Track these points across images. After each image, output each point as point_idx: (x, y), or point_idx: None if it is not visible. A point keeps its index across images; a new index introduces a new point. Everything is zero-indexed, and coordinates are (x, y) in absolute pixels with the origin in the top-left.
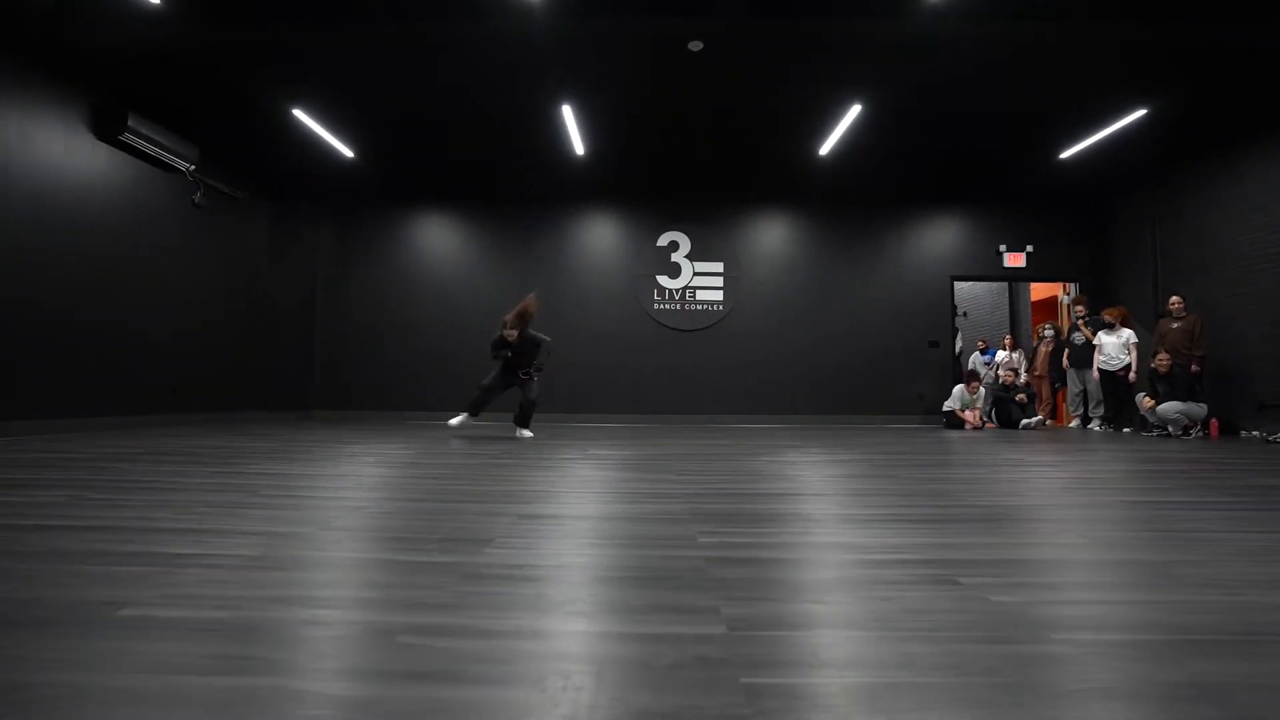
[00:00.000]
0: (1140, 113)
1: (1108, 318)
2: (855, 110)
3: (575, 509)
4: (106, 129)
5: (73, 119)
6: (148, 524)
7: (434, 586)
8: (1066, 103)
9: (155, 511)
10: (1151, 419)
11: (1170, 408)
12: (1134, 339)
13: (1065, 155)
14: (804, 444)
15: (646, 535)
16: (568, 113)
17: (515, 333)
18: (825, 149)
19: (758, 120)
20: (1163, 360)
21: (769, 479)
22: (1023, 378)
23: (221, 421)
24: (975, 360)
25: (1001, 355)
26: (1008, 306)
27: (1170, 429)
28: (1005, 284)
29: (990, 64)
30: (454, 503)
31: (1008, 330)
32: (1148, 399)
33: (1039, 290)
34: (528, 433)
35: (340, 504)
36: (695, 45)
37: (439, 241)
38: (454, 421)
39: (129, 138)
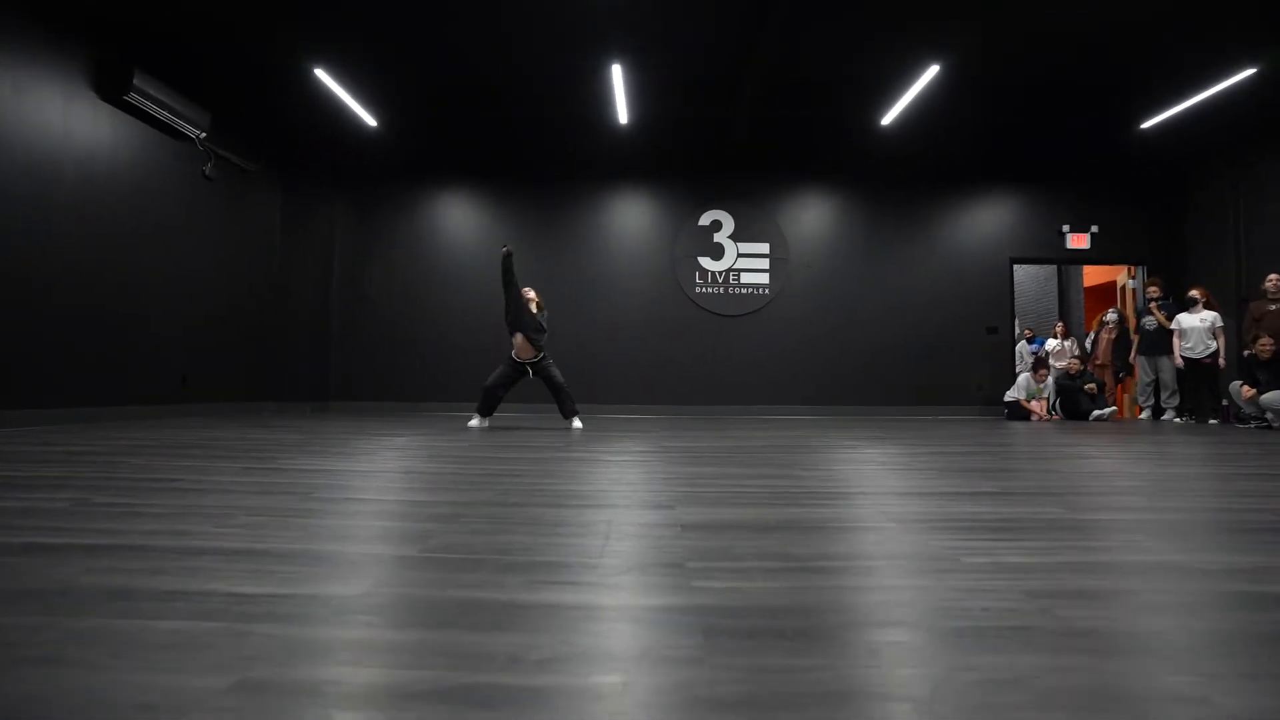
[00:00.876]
0: (1247, 73)
1: (1194, 294)
2: (931, 72)
3: (738, 513)
4: (110, 88)
5: (74, 75)
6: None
7: (691, 649)
8: (1163, 62)
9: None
10: (1250, 410)
11: (1275, 397)
12: (1219, 322)
13: (1147, 125)
14: (883, 436)
15: (896, 553)
16: (617, 74)
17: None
18: (889, 118)
19: (819, 87)
20: (1265, 345)
21: (906, 473)
22: (1069, 364)
23: (232, 412)
24: (1021, 349)
25: (1053, 344)
26: (1056, 293)
27: (1271, 420)
28: (1054, 268)
29: (1083, 17)
30: (571, 507)
31: (1057, 317)
32: (1246, 388)
33: (1092, 275)
34: (579, 424)
35: (423, 510)
36: None
37: (465, 220)
38: (473, 423)
39: (135, 98)
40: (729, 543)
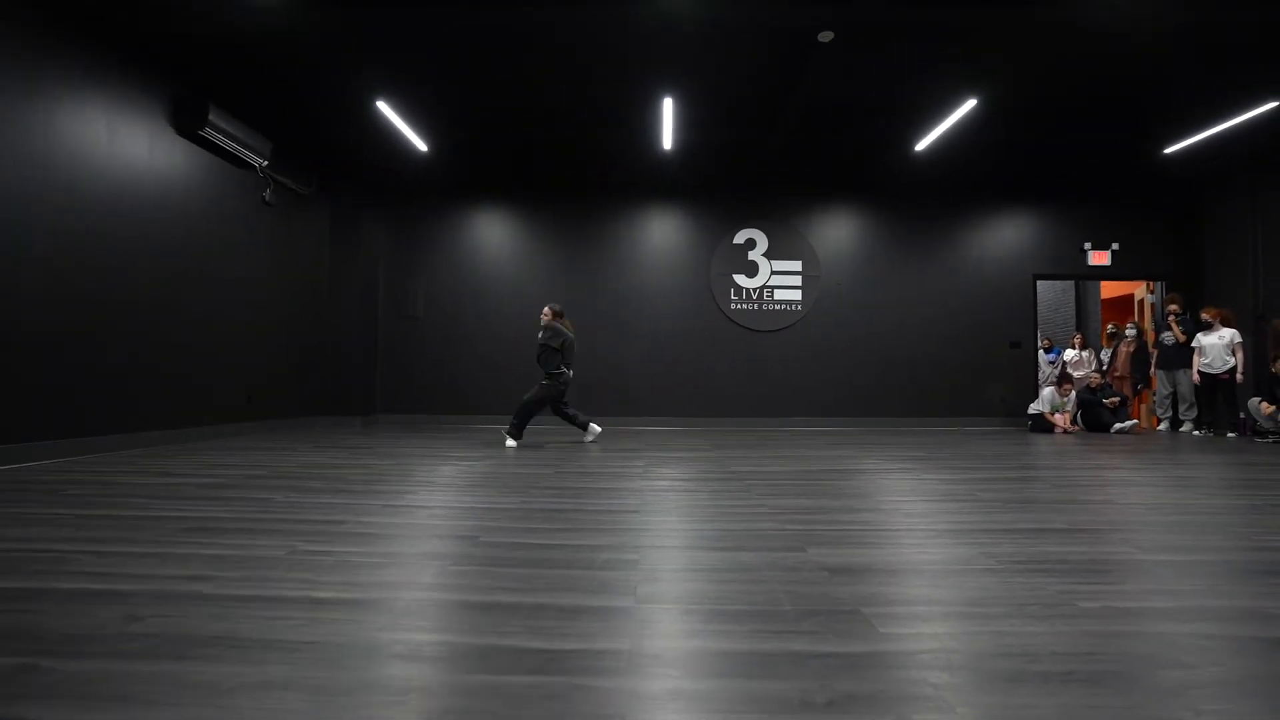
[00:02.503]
0: (1271, 105)
1: (1207, 317)
2: (969, 105)
3: (861, 554)
4: (187, 123)
5: (156, 113)
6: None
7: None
8: (1190, 94)
9: (415, 570)
10: (1269, 425)
11: None
12: (1238, 339)
13: (1171, 150)
14: (925, 456)
15: (1013, 598)
16: (667, 106)
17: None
18: (922, 145)
19: (856, 114)
20: None
21: (975, 506)
22: (1091, 377)
23: (291, 428)
24: (1039, 359)
25: (1070, 354)
26: (1074, 304)
27: None
28: (1071, 281)
29: (1112, 52)
30: (715, 550)
31: (1074, 328)
32: (1266, 404)
33: (1110, 287)
34: (596, 429)
35: (574, 555)
36: (825, 36)
37: (507, 239)
38: (511, 444)
39: (209, 132)
40: (876, 588)
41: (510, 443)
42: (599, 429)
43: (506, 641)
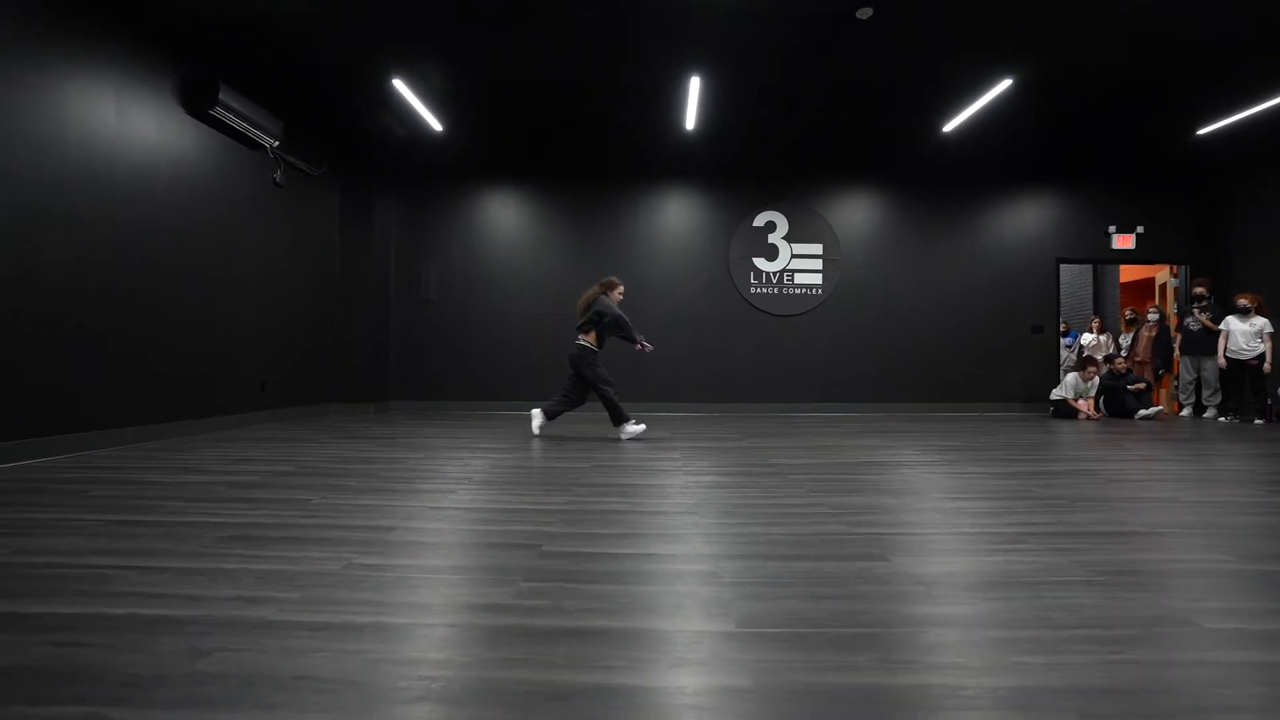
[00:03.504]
0: None
1: (1244, 302)
2: (1003, 85)
3: (951, 564)
4: (197, 103)
5: (165, 93)
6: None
7: None
8: (1224, 74)
9: (480, 583)
10: None
11: None
12: (1269, 328)
13: (1204, 131)
14: (960, 445)
15: (1146, 618)
16: (694, 85)
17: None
18: (951, 125)
19: (886, 95)
20: None
21: (1039, 505)
22: (1116, 362)
23: (305, 416)
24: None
25: (1088, 338)
26: (1091, 287)
27: None
28: (1089, 265)
29: (1153, 29)
30: (843, 560)
31: (1092, 311)
32: None
33: (1129, 272)
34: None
35: (695, 569)
36: (865, 13)
37: (522, 220)
38: (633, 429)
39: (219, 112)
40: (982, 606)
41: (630, 429)
42: (634, 430)
43: (612, 680)
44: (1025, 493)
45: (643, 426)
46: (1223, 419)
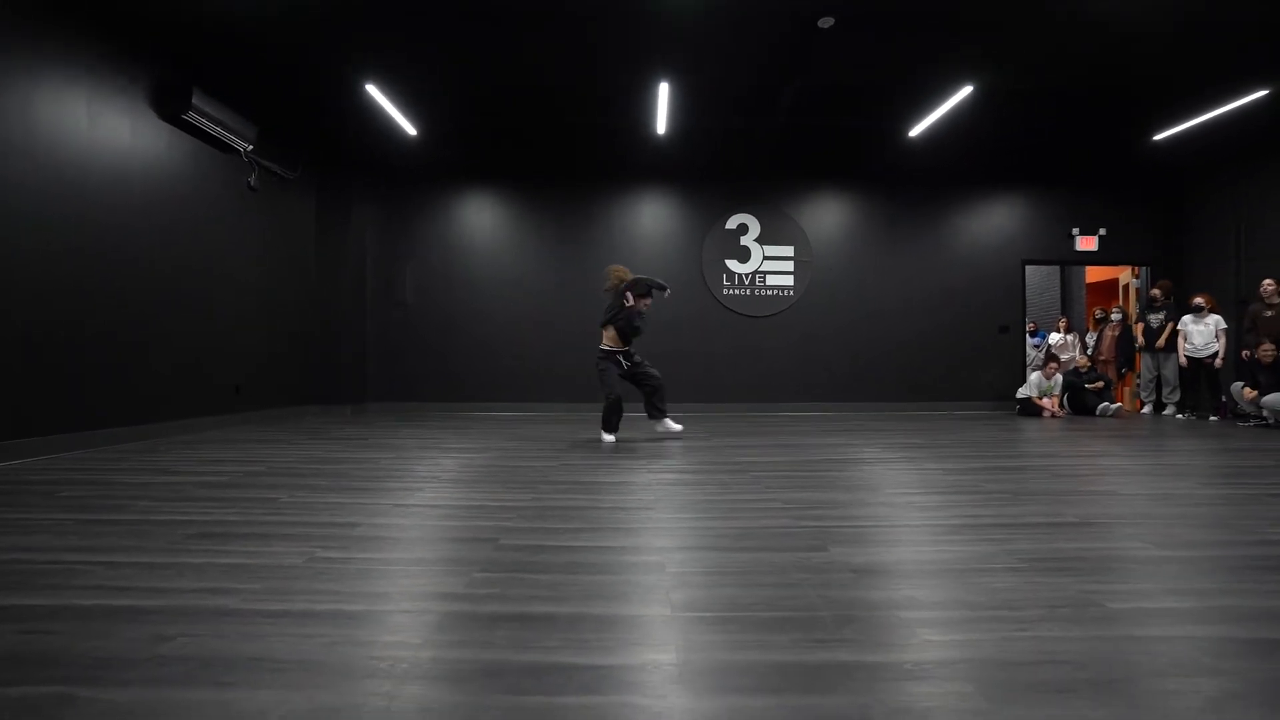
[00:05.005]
0: (1259, 94)
1: (1199, 301)
2: (965, 91)
3: (897, 554)
4: (170, 107)
5: (138, 97)
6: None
7: None
8: (1183, 81)
9: (437, 577)
10: (1251, 409)
11: (1276, 398)
12: (1222, 325)
13: (1161, 137)
14: (922, 443)
15: (1049, 601)
16: (663, 91)
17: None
18: (916, 130)
19: (853, 100)
20: (1267, 350)
21: (984, 498)
22: (1078, 360)
23: (283, 418)
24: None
25: (1055, 338)
26: (1058, 288)
27: (1269, 419)
28: (1057, 266)
29: (1111, 37)
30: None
31: (1059, 311)
32: (1248, 390)
33: (1095, 272)
34: (674, 424)
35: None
36: (826, 22)
37: (498, 225)
38: (673, 426)
39: (193, 116)
40: (907, 590)
41: (606, 437)
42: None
43: (552, 658)
44: (974, 487)
45: (611, 439)
46: (1180, 416)
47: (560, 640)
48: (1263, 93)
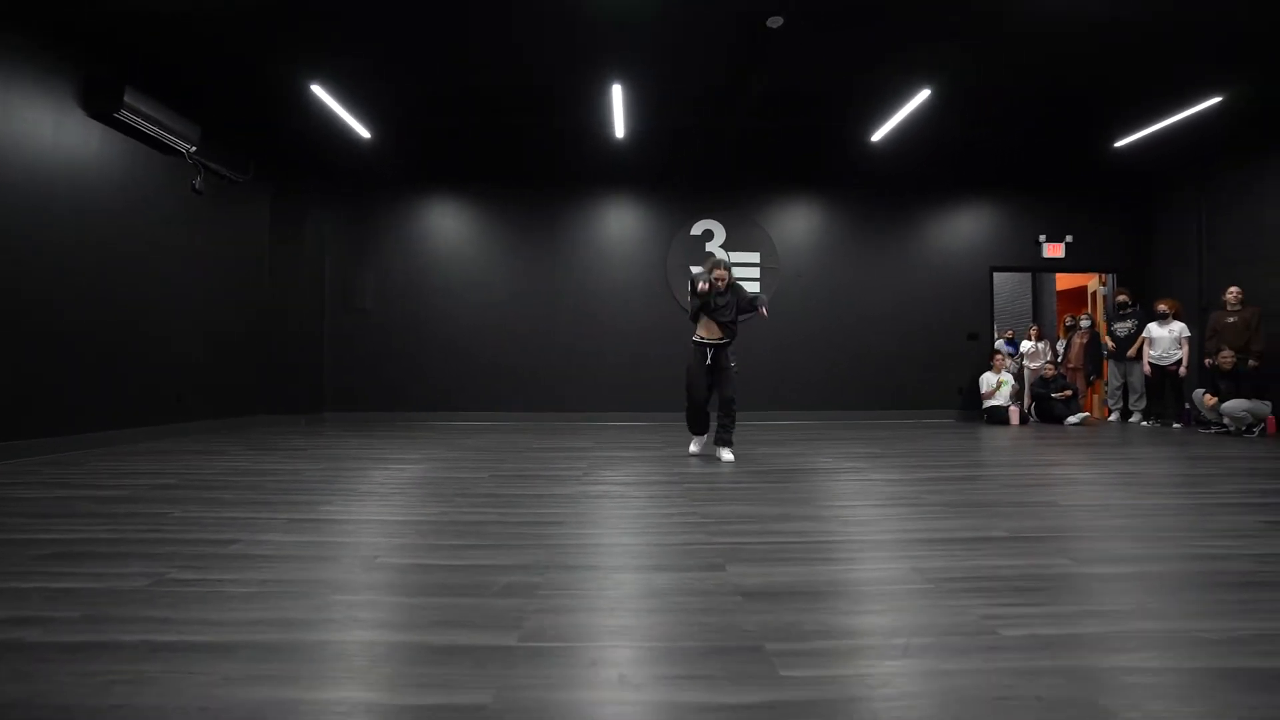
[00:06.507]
0: (1214, 101)
1: (1163, 308)
2: (923, 95)
3: (788, 572)
4: (100, 104)
5: (64, 94)
6: (279, 636)
7: None
8: (1137, 89)
9: (274, 606)
10: (1212, 417)
11: (1236, 405)
12: (1186, 332)
13: (1121, 144)
14: (879, 453)
15: (938, 626)
16: (616, 93)
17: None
18: (878, 135)
19: (812, 103)
20: (1226, 357)
21: (918, 510)
22: (1046, 369)
23: (229, 429)
24: (999, 349)
25: (1027, 345)
26: (1030, 295)
27: (1230, 426)
28: (1027, 273)
29: (1067, 46)
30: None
31: (1031, 319)
32: (1209, 396)
33: (1065, 280)
34: (729, 454)
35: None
36: (774, 21)
37: (458, 230)
38: (726, 456)
39: (125, 115)
40: (792, 616)
41: (692, 447)
42: (696, 449)
43: (358, 695)
44: (913, 499)
45: (696, 448)
46: (1145, 423)
47: (377, 676)
48: (1216, 100)
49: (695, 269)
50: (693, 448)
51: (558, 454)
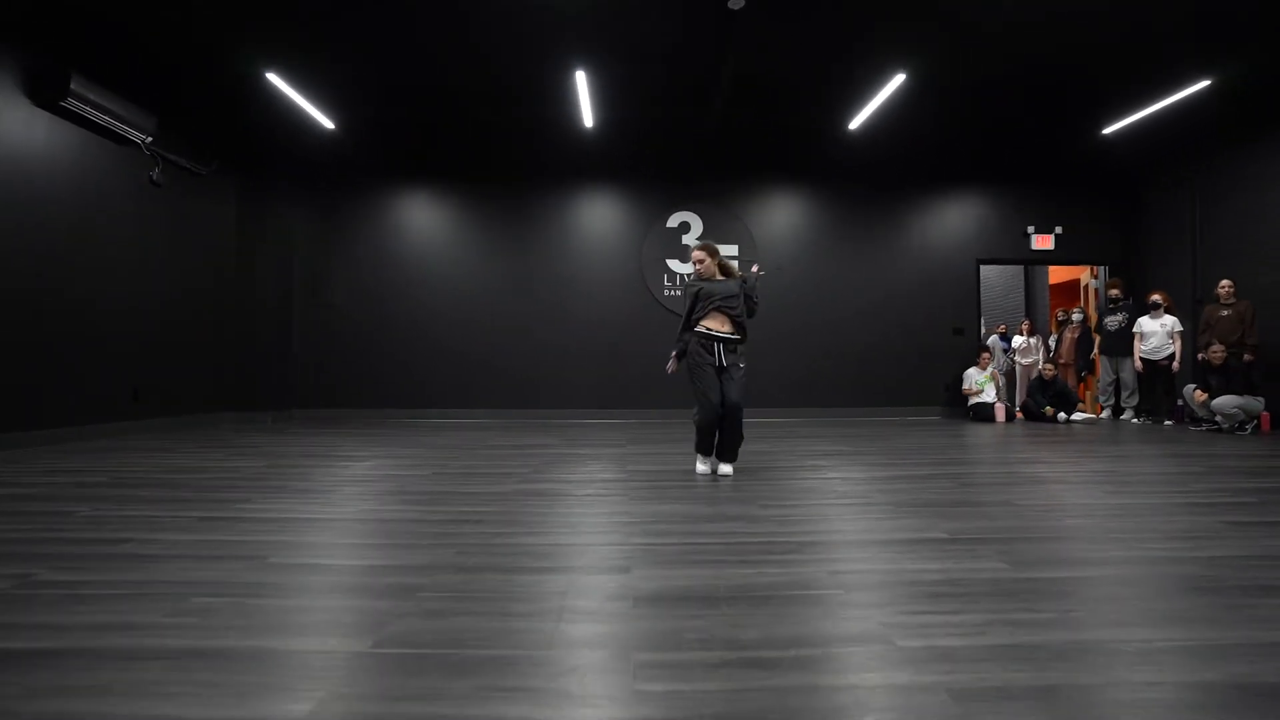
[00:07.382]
0: (1202, 84)
1: (1155, 299)
2: (898, 80)
3: (692, 575)
4: (45, 93)
5: (6, 82)
6: (128, 640)
7: None
8: (1122, 72)
9: (136, 609)
10: (1203, 413)
11: (1227, 401)
12: (1178, 326)
13: (1109, 131)
14: (851, 450)
15: (842, 636)
16: (580, 80)
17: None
18: (856, 123)
19: (785, 91)
20: (1216, 352)
21: (864, 510)
22: (1041, 364)
23: (190, 426)
24: (993, 344)
25: (1018, 341)
26: (1023, 290)
27: (1222, 423)
28: (1020, 267)
29: (1046, 28)
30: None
31: (1024, 315)
32: (1199, 392)
33: (1058, 273)
34: (729, 468)
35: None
36: (736, 4)
37: (430, 224)
38: (724, 470)
39: (73, 103)
40: (678, 622)
41: (699, 466)
42: (716, 470)
43: (162, 709)
44: (863, 498)
45: (705, 469)
46: (1136, 420)
47: (195, 684)
48: (1205, 83)
49: (672, 262)
50: (701, 467)
51: (515, 451)
